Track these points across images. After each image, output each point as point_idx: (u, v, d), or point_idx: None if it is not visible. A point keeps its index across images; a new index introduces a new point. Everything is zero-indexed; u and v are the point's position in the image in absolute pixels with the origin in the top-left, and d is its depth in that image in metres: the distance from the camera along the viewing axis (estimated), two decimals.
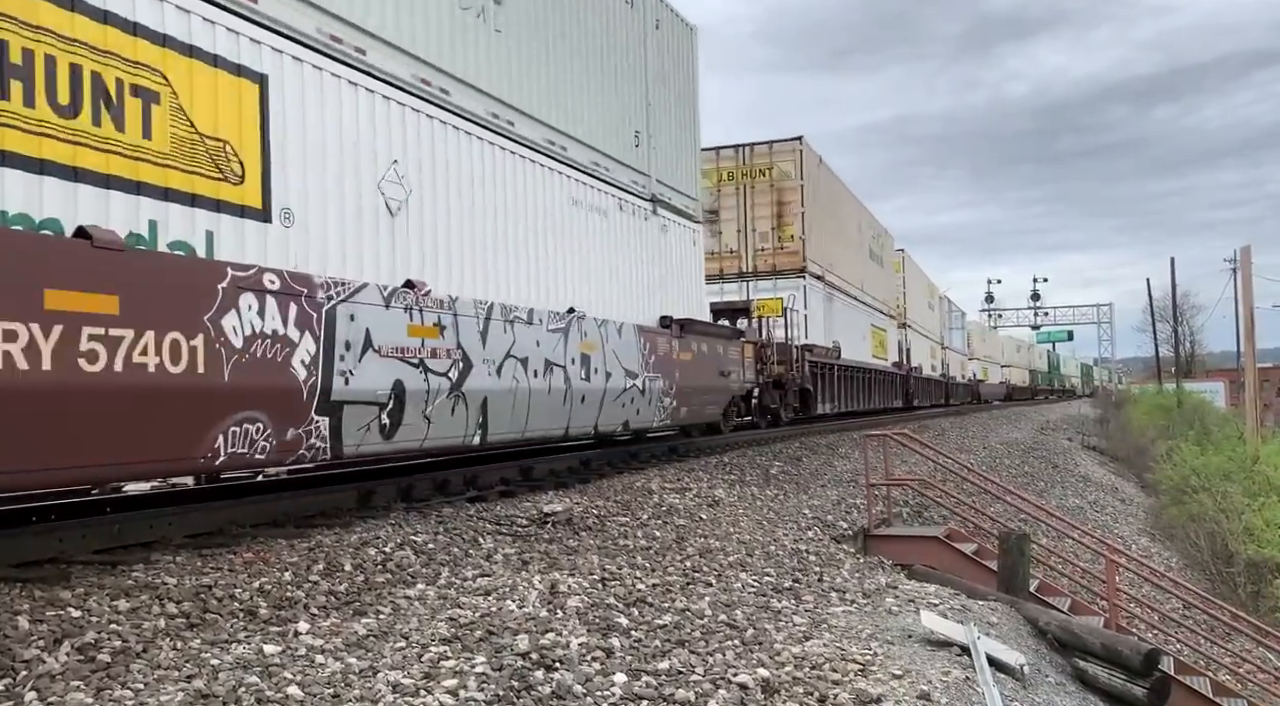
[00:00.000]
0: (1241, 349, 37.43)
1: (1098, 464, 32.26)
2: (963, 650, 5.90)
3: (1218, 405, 53.13)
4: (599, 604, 5.76)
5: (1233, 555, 19.99)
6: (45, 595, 4.97)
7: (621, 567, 6.85)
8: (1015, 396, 62.67)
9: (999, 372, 59.64)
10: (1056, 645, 7.73)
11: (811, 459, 15.68)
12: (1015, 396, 62.67)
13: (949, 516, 12.33)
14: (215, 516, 6.97)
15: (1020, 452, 25.18)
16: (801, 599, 6.67)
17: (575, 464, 11.68)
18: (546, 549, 7.27)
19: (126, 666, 4.21)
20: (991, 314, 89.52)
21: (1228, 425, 38.57)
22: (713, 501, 10.36)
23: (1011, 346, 69.64)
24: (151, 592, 5.15)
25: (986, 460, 21.19)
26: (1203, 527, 21.11)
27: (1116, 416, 50.84)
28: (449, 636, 4.92)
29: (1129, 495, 27.86)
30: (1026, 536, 9.76)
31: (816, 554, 8.78)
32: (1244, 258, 31.67)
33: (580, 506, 8.85)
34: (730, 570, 7.35)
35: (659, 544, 7.95)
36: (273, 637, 4.74)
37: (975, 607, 7.56)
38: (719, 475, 12.37)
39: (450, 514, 8.16)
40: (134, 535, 6.29)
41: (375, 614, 5.32)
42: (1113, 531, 19.65)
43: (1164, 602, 13.87)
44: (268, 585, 5.51)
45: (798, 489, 12.50)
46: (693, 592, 6.41)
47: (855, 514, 11.26)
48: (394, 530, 7.22)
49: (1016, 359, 68.61)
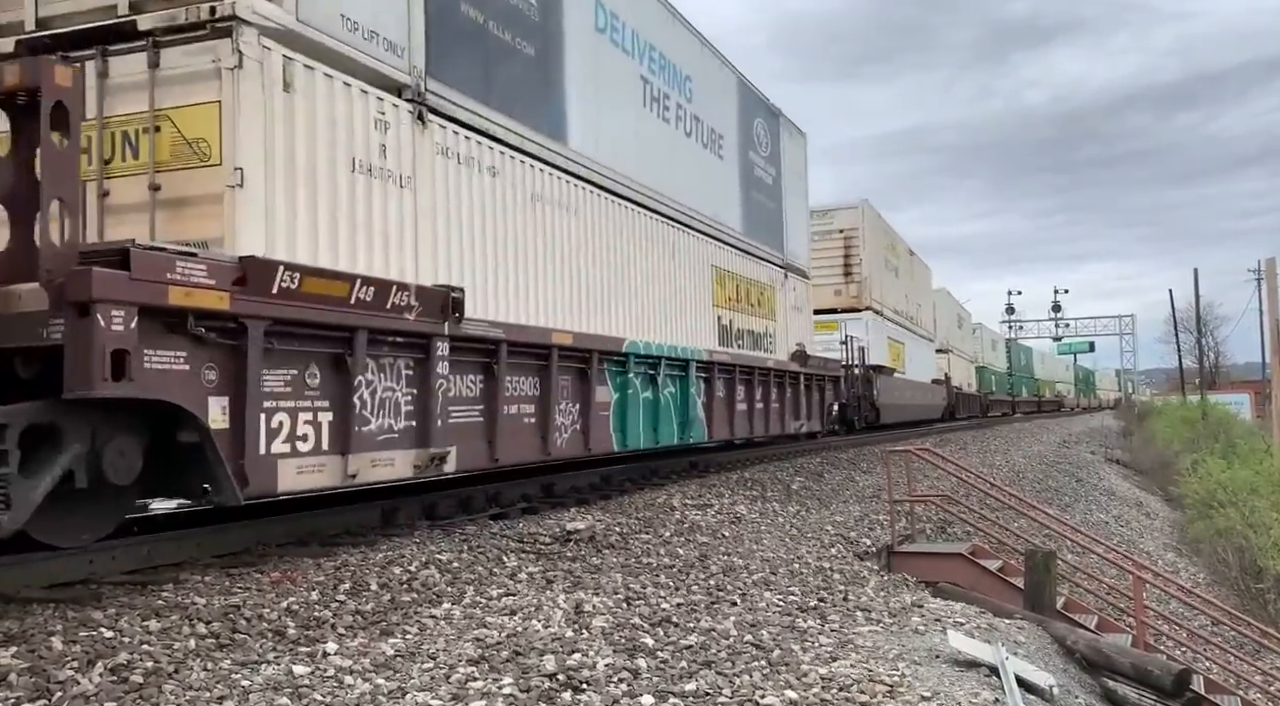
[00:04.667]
0: (1268, 361, 37.03)
1: (1121, 477, 31.94)
2: (991, 670, 5.85)
3: (1243, 417, 52.49)
4: (624, 623, 5.76)
5: (1261, 571, 19.69)
6: (78, 616, 5.03)
7: (646, 586, 6.85)
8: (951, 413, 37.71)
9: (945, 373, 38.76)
10: (1085, 664, 7.64)
11: (833, 474, 15.63)
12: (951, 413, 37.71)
13: (972, 532, 12.25)
14: (242, 536, 7.03)
15: (1044, 466, 24.97)
16: (827, 618, 6.64)
17: (596, 480, 11.69)
18: (570, 567, 7.28)
19: (159, 687, 4.25)
20: (1012, 326, 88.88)
21: (1253, 438, 38.10)
22: (735, 518, 10.34)
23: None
24: (181, 613, 5.19)
25: (1009, 475, 21.03)
26: (1230, 542, 20.83)
27: (1140, 429, 50.35)
28: (476, 656, 4.93)
29: (1154, 509, 27.55)
30: (1053, 554, 9.68)
31: (841, 572, 8.73)
32: (1269, 269, 31.38)
33: (603, 524, 8.85)
34: (754, 588, 7.32)
35: (682, 562, 7.94)
36: (302, 658, 4.77)
37: (1002, 626, 7.49)
38: (740, 491, 12.35)
39: (474, 532, 8.18)
40: (163, 556, 6.35)
41: (402, 634, 5.35)
42: (1138, 547, 19.43)
43: (1192, 619, 13.70)
44: (295, 605, 5.55)
45: (820, 505, 12.46)
46: (718, 612, 6.39)
47: (878, 530, 11.20)
48: (418, 548, 7.26)
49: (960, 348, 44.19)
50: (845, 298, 25.70)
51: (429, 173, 7.92)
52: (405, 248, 7.60)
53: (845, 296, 25.71)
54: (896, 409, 27.19)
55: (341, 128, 7.00)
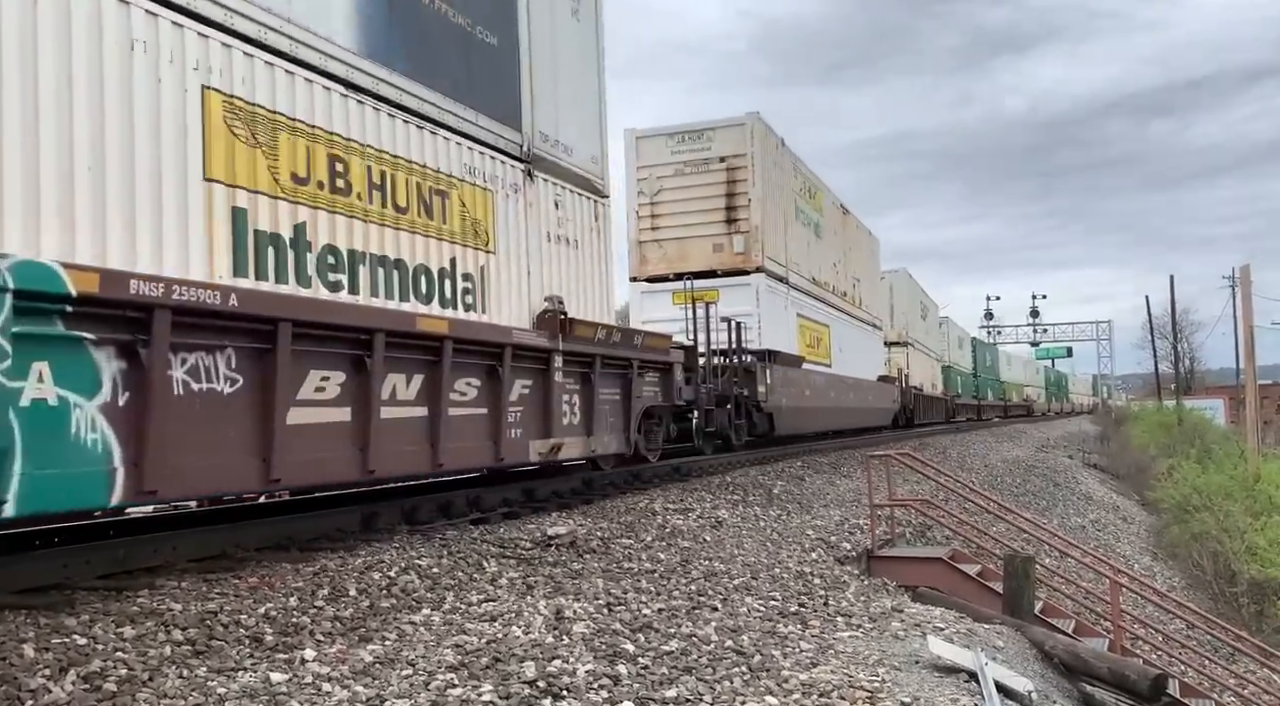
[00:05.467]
0: (1241, 367, 37.46)
1: (1099, 482, 32.20)
2: (970, 676, 5.87)
3: (1218, 422, 53.08)
4: (605, 629, 5.74)
5: (1235, 575, 19.92)
6: (50, 622, 4.95)
7: (627, 592, 6.83)
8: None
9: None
10: (1063, 669, 7.69)
11: (814, 478, 15.66)
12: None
13: (952, 536, 12.30)
14: (219, 540, 6.95)
15: (1021, 471, 25.14)
16: (808, 623, 6.64)
17: (578, 484, 11.66)
18: (551, 572, 7.25)
19: (133, 695, 4.19)
20: (991, 330, 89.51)
21: (1228, 443, 38.52)
22: (716, 522, 10.34)
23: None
24: (157, 619, 5.13)
25: (988, 479, 21.15)
26: (1205, 547, 21.06)
27: (1117, 434, 50.81)
28: (455, 663, 4.90)
29: (1130, 514, 27.80)
30: (1032, 559, 9.73)
31: (821, 576, 8.75)
32: (1243, 276, 31.74)
33: (584, 528, 8.83)
34: (736, 593, 7.32)
35: (664, 567, 7.93)
36: (279, 665, 4.72)
37: (981, 631, 7.52)
38: (722, 495, 12.35)
39: (454, 536, 8.14)
40: (139, 559, 6.27)
41: (381, 640, 5.30)
42: (1115, 551, 19.60)
43: (1167, 623, 13.82)
44: (273, 611, 5.49)
45: (801, 509, 12.47)
46: (699, 617, 6.39)
47: (859, 534, 11.23)
48: (398, 553, 7.21)
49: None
50: (727, 254, 17.83)
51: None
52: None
53: (727, 253, 17.83)
54: (804, 415, 19.49)
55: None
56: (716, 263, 17.89)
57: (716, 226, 18.00)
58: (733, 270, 17.83)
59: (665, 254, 18.16)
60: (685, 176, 18.12)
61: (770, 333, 17.84)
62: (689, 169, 18.11)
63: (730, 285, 17.50)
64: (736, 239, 17.89)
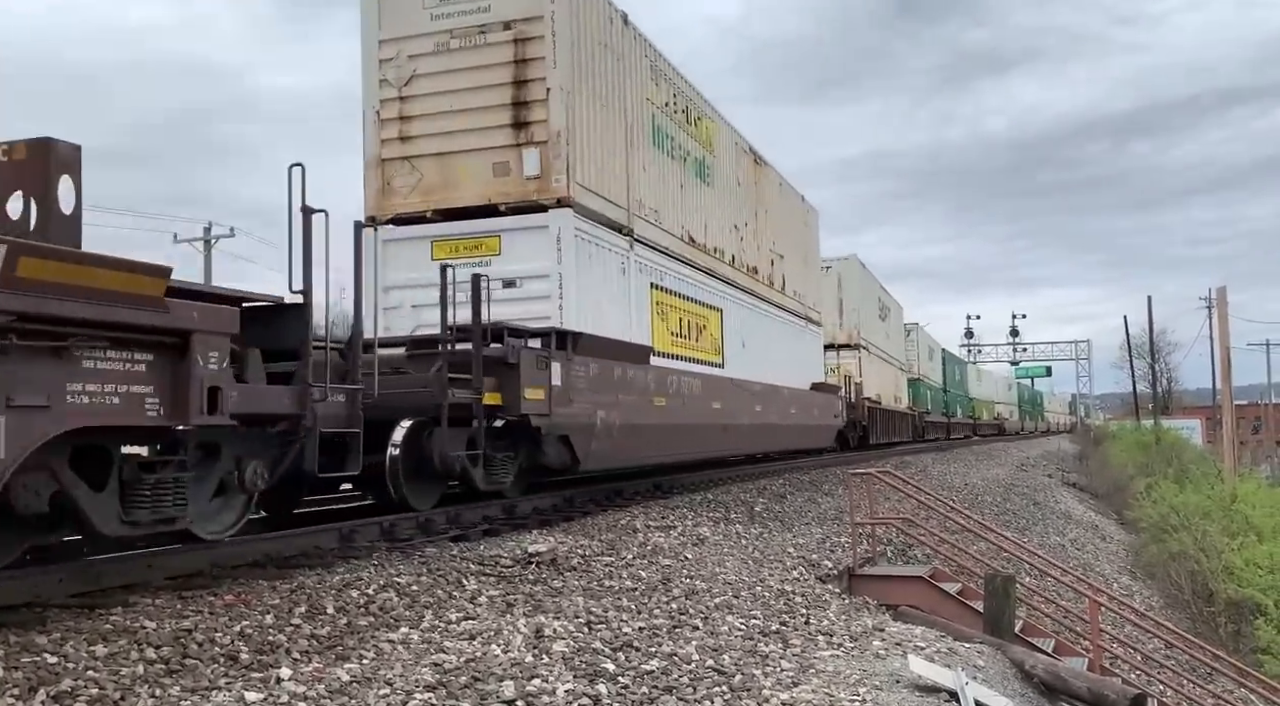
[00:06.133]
0: (1218, 387, 37.85)
1: (1078, 500, 32.38)
2: (951, 695, 5.87)
3: (1195, 442, 53.59)
4: (585, 648, 5.70)
5: (1213, 594, 20.05)
6: (20, 640, 4.87)
7: (607, 610, 6.79)
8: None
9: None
10: (1043, 689, 7.70)
11: (795, 496, 15.67)
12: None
13: (932, 555, 12.32)
14: (196, 558, 6.86)
15: (1001, 490, 25.24)
16: (789, 642, 6.62)
17: (559, 501, 11.60)
18: (531, 590, 7.20)
19: None
20: (971, 349, 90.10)
21: (1205, 463, 38.89)
22: (698, 540, 10.31)
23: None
24: (130, 637, 5.05)
25: (968, 497, 21.22)
26: (1183, 566, 21.19)
27: (1096, 453, 51.17)
28: (433, 682, 4.85)
29: (1109, 533, 27.94)
30: (1012, 578, 9.76)
31: (803, 595, 8.73)
32: (1220, 298, 32.15)
33: (565, 546, 8.78)
34: (717, 612, 7.29)
35: (645, 584, 7.89)
36: (254, 684, 4.65)
37: (962, 650, 7.53)
38: (704, 512, 12.33)
39: (434, 554, 8.08)
40: (112, 577, 6.17)
41: (358, 658, 5.24)
42: (1094, 570, 19.68)
43: (1146, 642, 13.87)
44: (249, 629, 5.42)
45: (782, 527, 12.47)
46: (680, 636, 6.36)
47: (840, 552, 11.23)
48: (376, 571, 7.14)
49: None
50: (515, 181, 11.24)
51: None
52: None
53: (515, 177, 11.24)
54: (657, 437, 12.82)
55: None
56: (499, 192, 11.14)
57: (499, 135, 11.28)
58: (523, 205, 11.08)
59: (422, 180, 11.39)
60: (452, 55, 11.42)
61: (583, 306, 11.23)
62: (457, 42, 11.42)
63: (516, 229, 11.03)
64: (528, 154, 11.07)
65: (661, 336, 13.62)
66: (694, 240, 15.17)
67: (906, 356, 37.96)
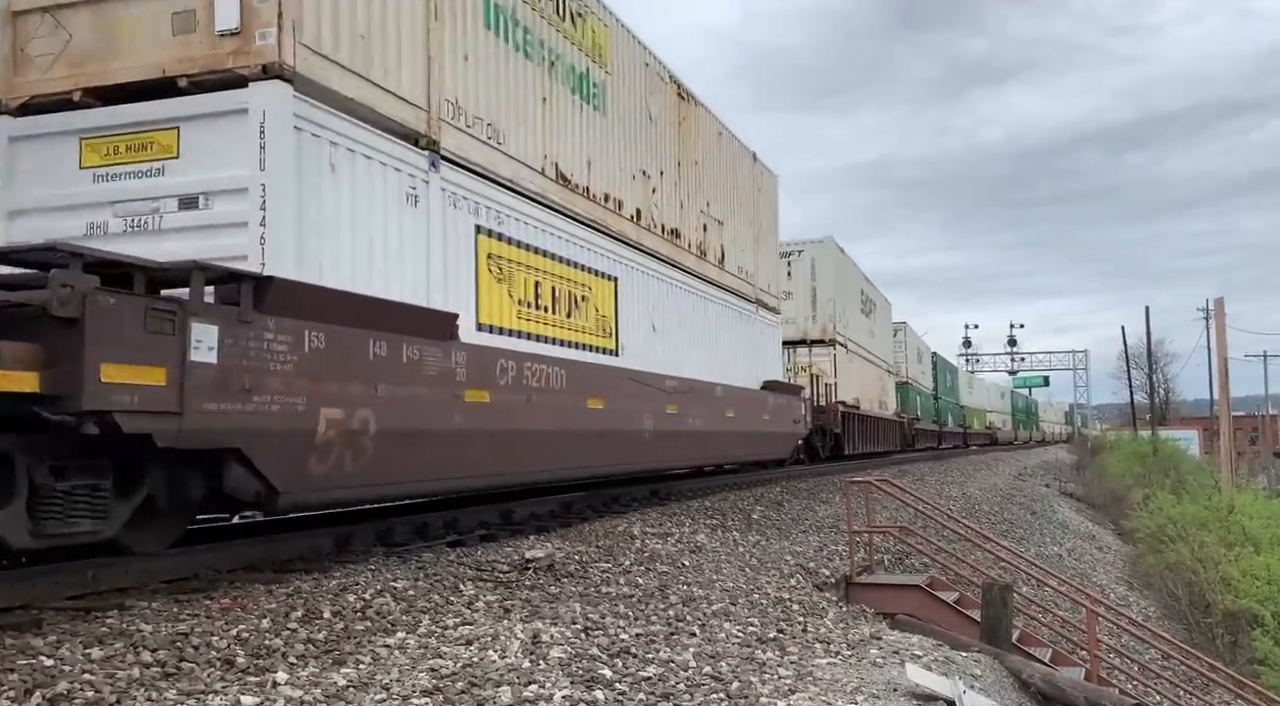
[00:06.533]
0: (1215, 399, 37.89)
1: (1075, 510, 32.38)
2: (948, 704, 5.86)
3: (1192, 453, 53.63)
4: (582, 655, 5.69)
5: (1210, 605, 20.04)
6: (16, 643, 4.86)
7: (604, 616, 6.78)
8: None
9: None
10: (1040, 698, 7.69)
11: (793, 503, 15.66)
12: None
13: (930, 564, 12.31)
14: (192, 561, 6.85)
15: (999, 499, 25.23)
16: (786, 650, 6.61)
17: (557, 507, 11.59)
18: (528, 596, 7.19)
19: None
20: (969, 359, 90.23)
21: (1202, 473, 38.90)
22: (695, 547, 10.30)
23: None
24: (126, 640, 5.04)
25: (965, 507, 21.21)
26: (1180, 577, 21.18)
27: (1093, 463, 51.19)
28: (430, 687, 4.83)
29: (1106, 543, 27.94)
30: (1010, 587, 9.75)
31: (800, 602, 8.72)
32: (1217, 309, 32.20)
33: (562, 552, 8.77)
34: (714, 619, 7.28)
35: (642, 591, 7.88)
36: (251, 688, 4.64)
37: (959, 659, 7.52)
38: (701, 520, 12.32)
39: (431, 559, 8.06)
40: (109, 580, 6.16)
41: (355, 663, 5.23)
42: (1091, 580, 19.67)
43: (1143, 652, 13.86)
44: (245, 632, 5.41)
45: (780, 534, 12.46)
46: (677, 643, 6.34)
47: (837, 560, 11.21)
48: (374, 576, 7.13)
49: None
50: (201, 39, 7.06)
51: None
52: None
53: (201, 34, 7.06)
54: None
55: None
56: (179, 59, 7.18)
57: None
58: (212, 78, 7.13)
59: (70, 42, 7.46)
60: None
61: (314, 242, 7.33)
62: None
63: (199, 115, 7.14)
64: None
65: (497, 305, 9.64)
66: (566, 178, 11.08)
67: (892, 356, 34.40)
